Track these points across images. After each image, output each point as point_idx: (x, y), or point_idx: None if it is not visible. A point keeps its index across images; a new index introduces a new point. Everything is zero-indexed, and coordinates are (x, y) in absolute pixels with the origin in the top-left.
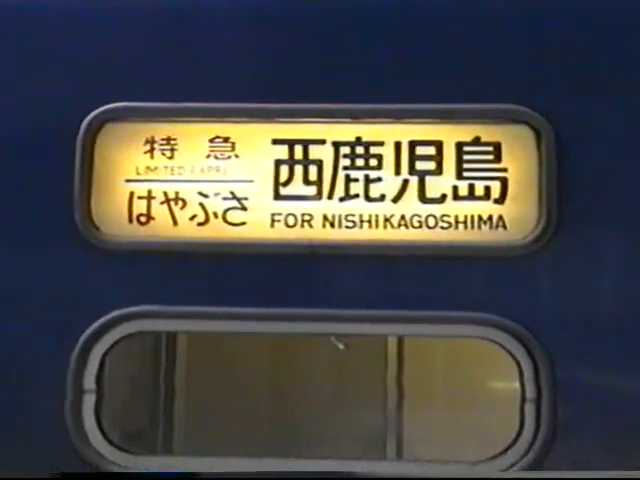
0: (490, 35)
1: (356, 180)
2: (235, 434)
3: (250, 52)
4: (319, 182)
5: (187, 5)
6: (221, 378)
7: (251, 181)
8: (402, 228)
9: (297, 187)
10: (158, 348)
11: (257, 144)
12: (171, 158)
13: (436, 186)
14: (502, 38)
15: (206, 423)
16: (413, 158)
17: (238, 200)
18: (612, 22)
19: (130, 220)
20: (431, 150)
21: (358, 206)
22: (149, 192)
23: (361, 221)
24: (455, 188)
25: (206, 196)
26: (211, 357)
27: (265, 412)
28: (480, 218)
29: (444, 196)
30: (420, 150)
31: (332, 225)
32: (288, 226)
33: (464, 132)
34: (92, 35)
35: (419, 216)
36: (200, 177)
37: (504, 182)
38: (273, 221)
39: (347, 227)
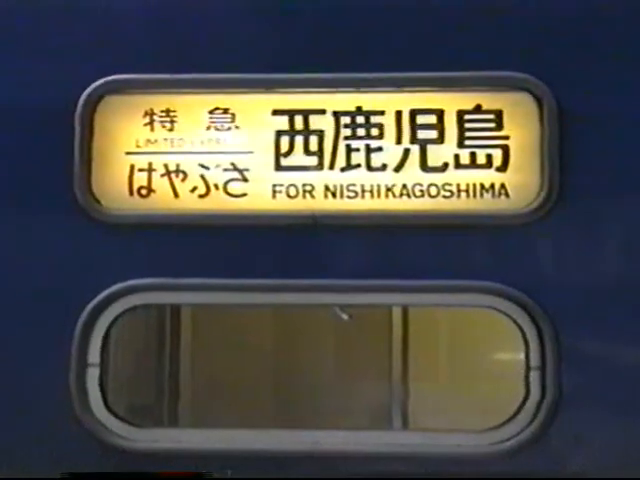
0: (492, 1)
1: (357, 150)
2: (240, 406)
3: (249, 21)
4: (320, 152)
5: None
6: (225, 351)
7: (252, 152)
8: (404, 197)
9: (298, 158)
10: (162, 321)
11: (257, 115)
12: (171, 130)
13: (438, 155)
14: (504, 4)
15: (211, 396)
16: (414, 127)
17: (239, 171)
18: None
19: (131, 193)
20: (432, 119)
21: (360, 176)
22: (149, 164)
23: (363, 191)
24: (457, 156)
25: (207, 168)
26: (215, 329)
27: (269, 384)
28: (482, 186)
29: (446, 165)
30: (421, 119)
31: (334, 195)
32: (290, 197)
33: (465, 100)
34: (89, 8)
35: (421, 185)
36: (200, 149)
37: (506, 150)
38: (274, 192)
39: (349, 197)
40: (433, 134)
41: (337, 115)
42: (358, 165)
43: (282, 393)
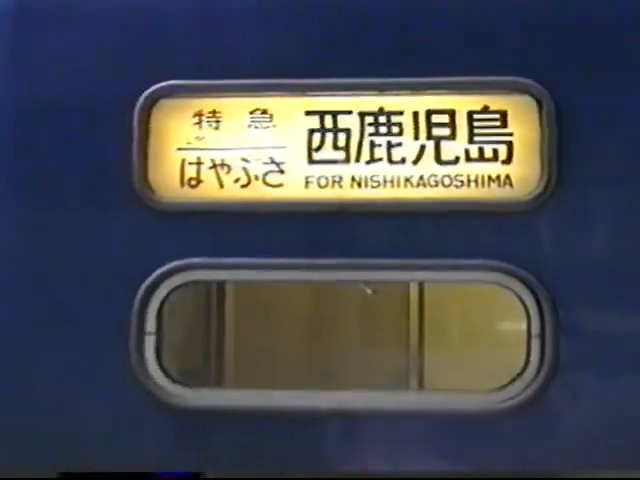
0: (498, 15)
1: (380, 145)
2: (276, 369)
3: (286, 33)
4: (347, 148)
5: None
6: (264, 320)
7: (287, 147)
8: (421, 187)
9: (328, 152)
10: (209, 295)
11: (292, 115)
12: (217, 129)
13: (450, 150)
14: (510, 18)
15: (251, 360)
16: (430, 125)
17: (276, 164)
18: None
19: (182, 184)
20: (445, 118)
21: (382, 168)
22: (198, 159)
23: (385, 181)
24: (467, 151)
25: (248, 161)
26: (255, 303)
27: (302, 350)
28: (489, 177)
29: (457, 158)
30: (435, 118)
31: (359, 185)
32: (320, 187)
33: (474, 102)
34: (147, 23)
35: (435, 176)
36: (242, 145)
37: (510, 145)
38: (307, 182)
39: (372, 187)
40: (446, 131)
41: (362, 115)
42: (380, 159)
43: (313, 358)
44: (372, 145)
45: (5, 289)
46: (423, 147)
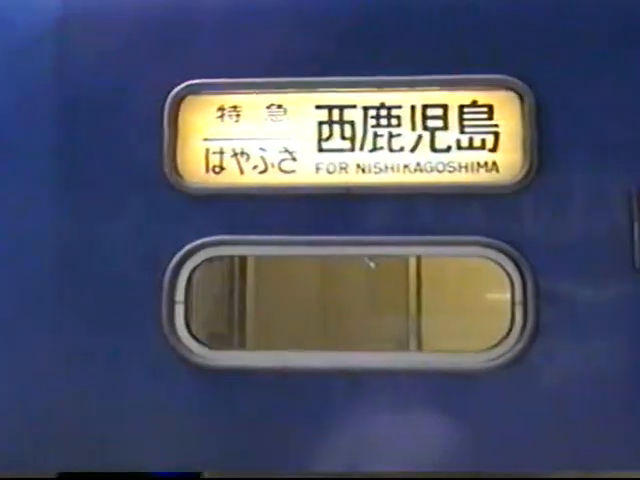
0: (487, 21)
1: (381, 136)
2: (292, 334)
3: (296, 38)
4: (352, 138)
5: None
6: (281, 291)
7: (299, 138)
8: (417, 173)
9: (335, 142)
10: (232, 269)
11: (304, 109)
12: (237, 122)
13: (443, 139)
14: (496, 24)
15: (270, 326)
16: (425, 118)
17: (290, 153)
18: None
19: (207, 170)
20: (439, 111)
21: (383, 156)
22: (221, 148)
23: (386, 167)
24: (458, 140)
25: (265, 150)
26: (273, 275)
27: (315, 317)
28: (478, 164)
29: (449, 147)
30: (430, 112)
31: (363, 171)
32: (329, 172)
33: (464, 97)
34: (178, 28)
35: (431, 163)
36: (260, 136)
37: (496, 135)
38: (317, 169)
39: (375, 172)
40: (440, 123)
41: (365, 109)
42: (382, 148)
43: (325, 323)
44: (374, 135)
45: (57, 263)
46: (420, 137)
